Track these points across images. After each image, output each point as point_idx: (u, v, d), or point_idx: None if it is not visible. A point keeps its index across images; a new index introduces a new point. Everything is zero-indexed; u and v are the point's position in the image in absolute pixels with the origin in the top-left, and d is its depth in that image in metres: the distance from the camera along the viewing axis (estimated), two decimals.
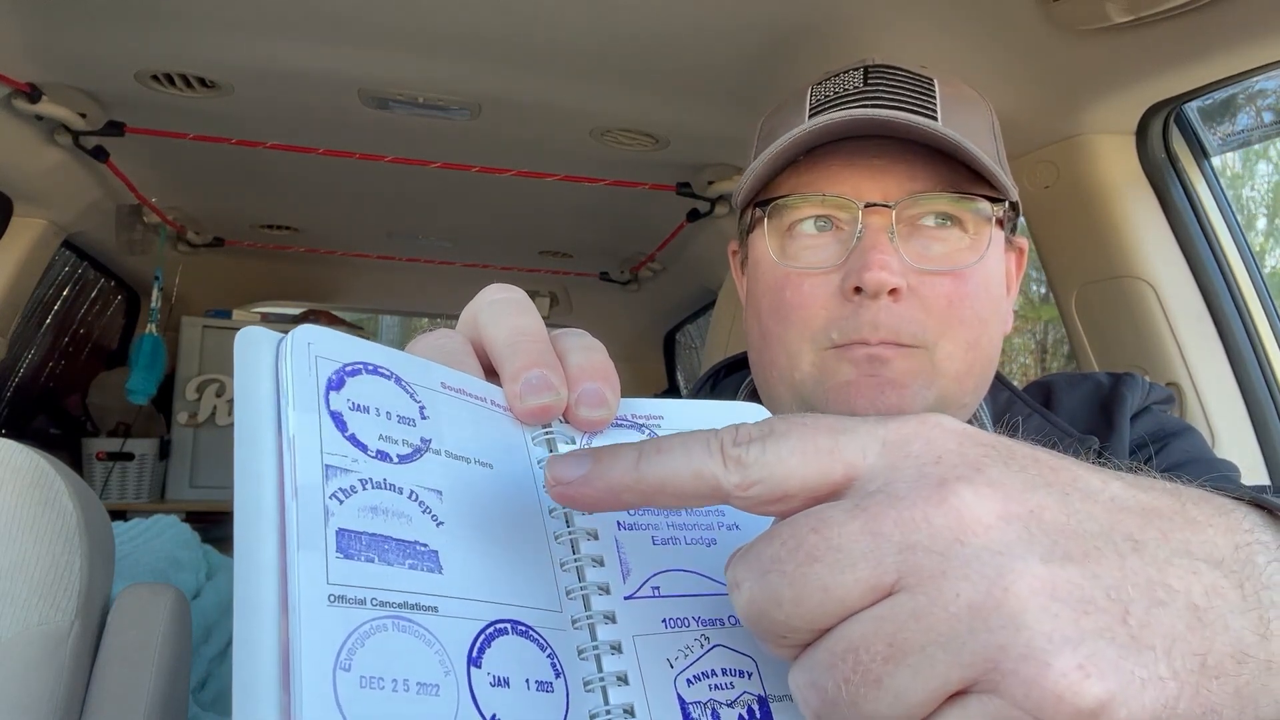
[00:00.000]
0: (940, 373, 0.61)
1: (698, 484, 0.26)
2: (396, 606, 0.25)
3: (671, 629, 0.30)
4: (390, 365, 0.29)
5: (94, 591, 0.76)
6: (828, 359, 0.61)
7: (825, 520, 0.24)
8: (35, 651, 0.70)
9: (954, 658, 0.22)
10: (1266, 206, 1.85)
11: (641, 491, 0.27)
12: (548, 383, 0.31)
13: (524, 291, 0.35)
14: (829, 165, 0.63)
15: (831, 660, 0.23)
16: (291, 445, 0.25)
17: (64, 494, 0.74)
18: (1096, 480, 0.26)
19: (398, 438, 0.28)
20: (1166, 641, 0.23)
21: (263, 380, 0.26)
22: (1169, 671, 0.22)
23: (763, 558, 0.24)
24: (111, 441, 2.72)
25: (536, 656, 0.27)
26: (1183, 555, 0.24)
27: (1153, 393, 0.72)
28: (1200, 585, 0.24)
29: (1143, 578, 0.23)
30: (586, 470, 0.27)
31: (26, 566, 0.70)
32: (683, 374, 3.30)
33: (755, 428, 0.26)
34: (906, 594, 0.23)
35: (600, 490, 0.27)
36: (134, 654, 0.78)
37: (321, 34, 1.37)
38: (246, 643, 0.23)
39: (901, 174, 0.61)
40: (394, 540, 0.26)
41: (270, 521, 0.24)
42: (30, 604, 0.70)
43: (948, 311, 0.60)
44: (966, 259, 0.61)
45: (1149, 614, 0.23)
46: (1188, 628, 0.23)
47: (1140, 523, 0.25)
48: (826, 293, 0.61)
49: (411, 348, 0.33)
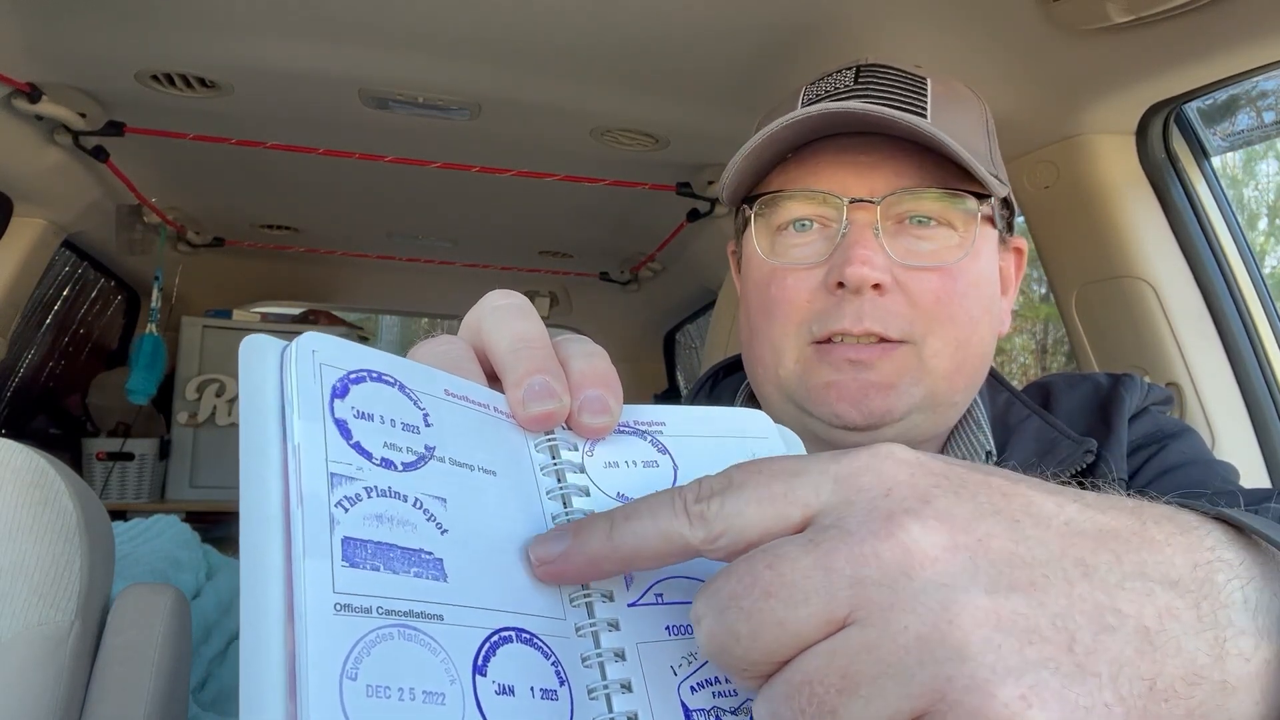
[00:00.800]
0: (928, 370, 0.61)
1: (668, 544, 0.27)
2: (402, 615, 0.25)
3: (675, 636, 0.30)
4: (394, 372, 0.29)
5: (94, 591, 0.76)
6: (809, 356, 0.62)
7: (780, 556, 0.25)
8: (35, 651, 0.70)
9: (903, 689, 0.23)
10: (1267, 206, 1.85)
11: (619, 559, 0.28)
12: (550, 390, 0.31)
13: (526, 298, 0.35)
14: (816, 162, 0.63)
15: (789, 692, 0.24)
16: (297, 453, 0.25)
17: (64, 494, 0.74)
18: (1051, 504, 0.26)
19: (402, 445, 0.28)
20: (1113, 668, 0.23)
21: (268, 388, 0.26)
22: (1115, 697, 0.23)
23: (721, 594, 0.25)
24: (111, 441, 2.72)
25: (541, 664, 0.27)
26: (1137, 577, 0.24)
27: (1151, 394, 0.71)
28: (1153, 608, 0.24)
29: (1091, 604, 0.24)
30: (566, 546, 0.28)
31: (26, 566, 0.70)
32: (683, 374, 3.30)
33: (716, 480, 0.27)
34: (858, 627, 0.23)
35: (582, 564, 0.28)
36: (134, 654, 0.78)
37: (321, 34, 1.37)
38: (253, 651, 0.23)
39: (888, 171, 0.61)
40: (399, 548, 0.26)
41: (276, 530, 0.24)
42: (30, 604, 0.70)
43: (935, 308, 0.60)
44: (954, 256, 0.61)
45: (1096, 640, 0.23)
46: (1136, 652, 0.23)
47: (1094, 546, 0.25)
48: (810, 287, 0.62)
49: (414, 354, 0.33)
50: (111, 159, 1.90)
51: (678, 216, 2.13)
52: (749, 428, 0.35)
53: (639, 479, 0.32)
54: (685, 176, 1.92)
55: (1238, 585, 0.25)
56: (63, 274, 2.51)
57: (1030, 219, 1.37)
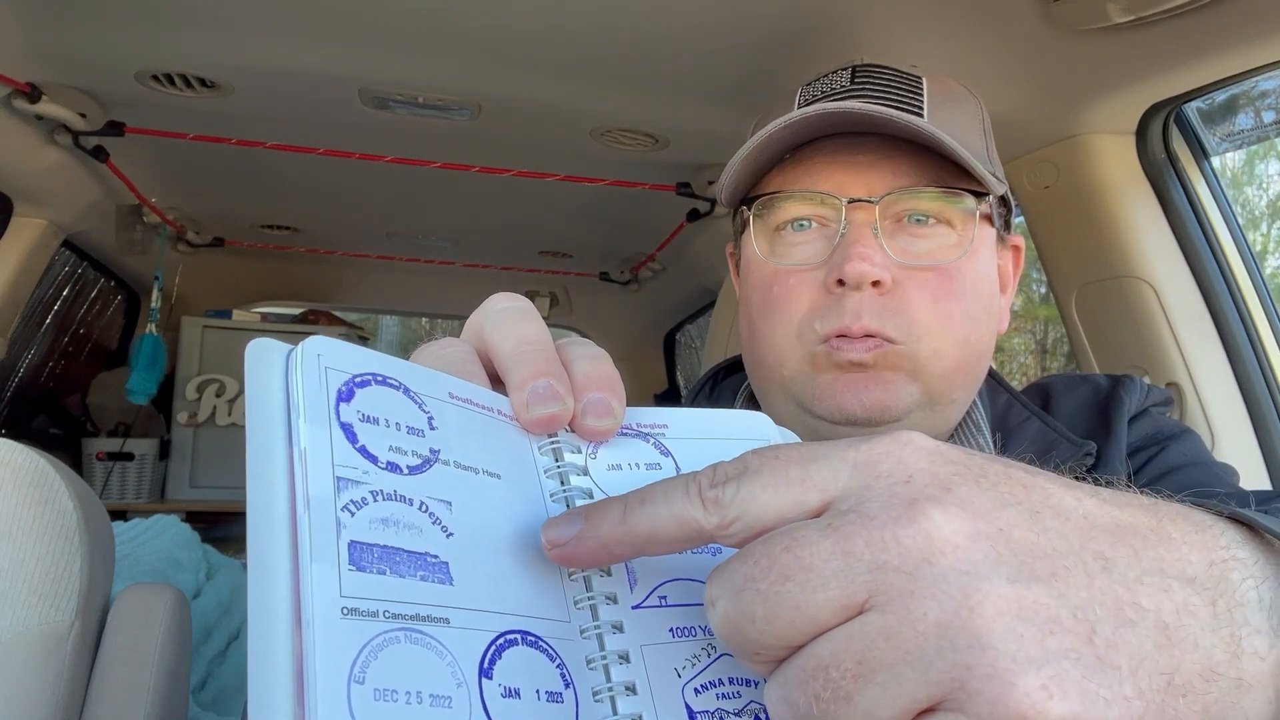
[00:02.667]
0: (926, 370, 0.61)
1: (682, 529, 0.27)
2: (409, 619, 0.25)
3: (679, 638, 0.30)
4: (399, 376, 0.29)
5: (94, 591, 0.76)
6: (812, 356, 0.62)
7: (798, 539, 0.24)
8: (35, 651, 0.70)
9: (922, 675, 0.22)
10: (1268, 206, 1.85)
11: (632, 543, 0.28)
12: (554, 392, 0.31)
13: (529, 300, 0.35)
14: (813, 163, 0.63)
15: (803, 677, 0.24)
16: (303, 458, 0.25)
17: (64, 494, 0.74)
18: (1070, 497, 0.26)
19: (407, 449, 0.28)
20: (1133, 661, 0.23)
21: (273, 392, 0.26)
22: (1134, 691, 0.23)
23: (736, 576, 0.25)
24: (111, 441, 2.72)
25: (546, 667, 0.27)
26: (1155, 573, 0.24)
27: (1151, 395, 0.71)
28: (1171, 604, 0.24)
29: (1111, 597, 0.24)
30: (579, 529, 0.28)
31: (26, 566, 0.70)
32: (683, 374, 3.30)
33: (731, 466, 0.27)
34: (876, 613, 0.23)
35: (594, 547, 0.28)
36: (134, 654, 0.78)
37: (321, 34, 1.37)
38: (261, 655, 0.23)
39: (885, 170, 0.61)
40: (405, 552, 0.26)
41: (283, 534, 0.24)
42: (30, 604, 0.70)
43: (934, 307, 0.60)
44: (952, 255, 0.61)
45: (1116, 633, 0.23)
46: (1156, 647, 0.23)
47: (1112, 540, 0.25)
48: (811, 287, 0.62)
49: (417, 356, 0.33)
50: (111, 159, 1.90)
51: (678, 216, 2.13)
52: (751, 430, 0.35)
53: (642, 481, 0.32)
54: (685, 176, 1.92)
55: (1252, 584, 0.25)
56: (63, 274, 2.51)
57: (1030, 219, 1.37)
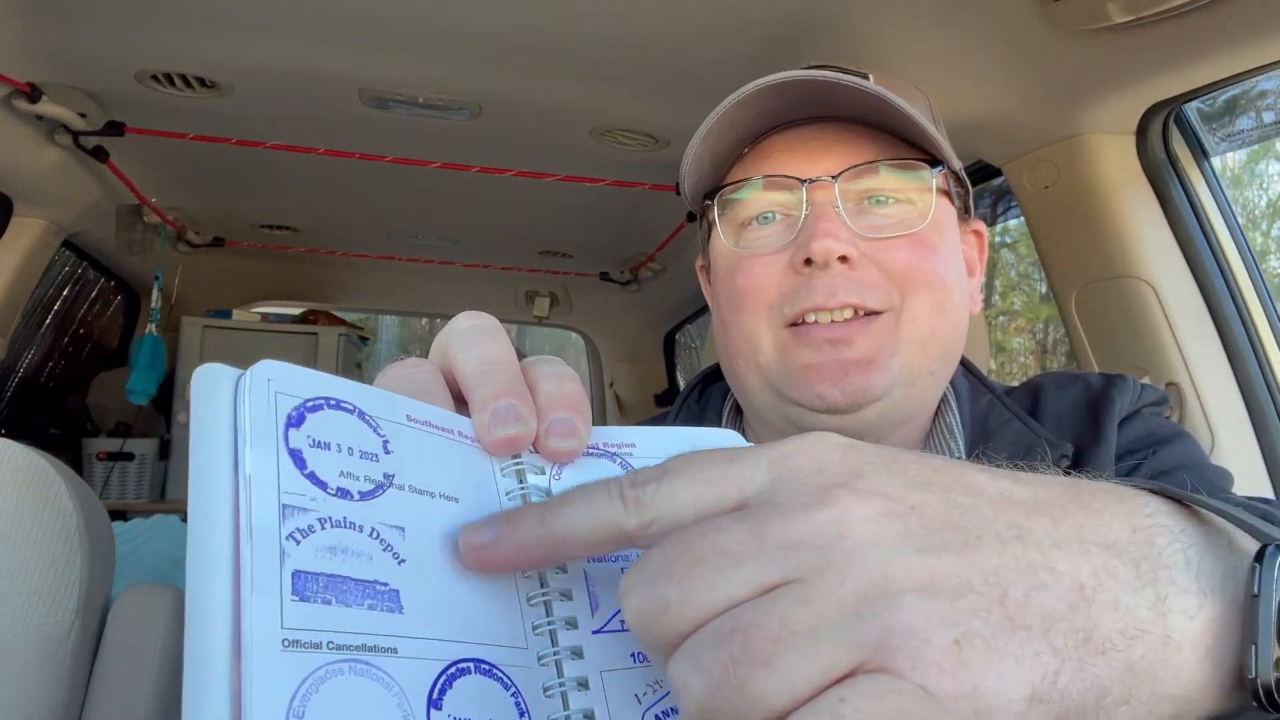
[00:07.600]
0: (904, 340, 0.61)
1: (601, 530, 0.27)
2: (354, 649, 0.24)
3: (640, 663, 0.30)
4: (354, 399, 0.28)
5: (94, 592, 0.76)
6: (786, 340, 0.62)
7: (712, 526, 0.25)
8: (35, 651, 0.70)
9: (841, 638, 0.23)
10: (1268, 206, 1.85)
11: (549, 545, 0.28)
12: (516, 413, 0.30)
13: (495, 320, 0.34)
14: (769, 151, 0.64)
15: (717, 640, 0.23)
16: (248, 485, 0.24)
17: (64, 494, 0.74)
18: (985, 478, 0.27)
19: (359, 474, 0.27)
20: (1045, 621, 0.24)
21: (220, 418, 0.25)
22: (1046, 648, 0.23)
23: (651, 565, 0.25)
24: (111, 441, 2.72)
25: (500, 696, 0.27)
26: (1073, 540, 0.25)
27: (1144, 395, 0.69)
28: (1089, 566, 0.25)
29: (1024, 562, 0.24)
30: (497, 533, 0.28)
31: (26, 567, 0.70)
32: (683, 374, 3.30)
33: (654, 469, 0.27)
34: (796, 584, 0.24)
35: (511, 550, 0.28)
36: (134, 654, 0.78)
37: (321, 34, 1.37)
38: (196, 690, 0.22)
39: (841, 151, 0.62)
40: (353, 580, 0.25)
41: (224, 564, 0.24)
42: (30, 604, 0.70)
43: (909, 274, 0.61)
44: (917, 224, 0.62)
45: (1028, 595, 0.24)
46: (1069, 607, 0.24)
47: (1028, 512, 0.26)
48: (778, 270, 0.62)
49: (382, 378, 0.32)
50: (111, 159, 1.90)
51: (678, 216, 2.13)
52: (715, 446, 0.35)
53: None
54: None
55: (1179, 548, 0.26)
56: (63, 274, 2.51)
57: (1030, 219, 1.37)
